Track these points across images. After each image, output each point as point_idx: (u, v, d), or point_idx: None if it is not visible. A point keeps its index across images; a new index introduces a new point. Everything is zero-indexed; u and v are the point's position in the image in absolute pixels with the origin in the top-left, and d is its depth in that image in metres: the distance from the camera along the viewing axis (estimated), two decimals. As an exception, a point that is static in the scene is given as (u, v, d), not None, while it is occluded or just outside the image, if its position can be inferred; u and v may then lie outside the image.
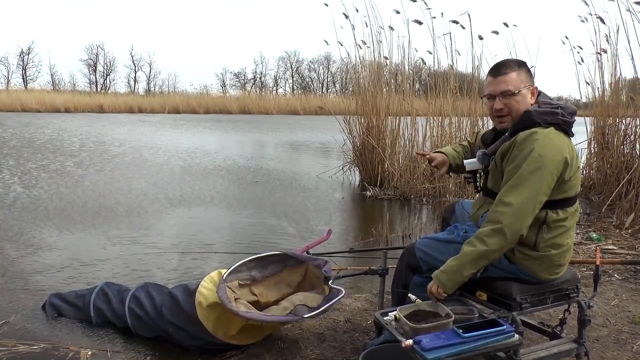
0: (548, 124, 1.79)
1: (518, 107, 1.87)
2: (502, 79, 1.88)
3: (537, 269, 1.85)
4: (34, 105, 29.83)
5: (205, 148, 12.40)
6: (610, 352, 2.39)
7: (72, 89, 50.69)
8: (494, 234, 1.74)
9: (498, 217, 1.73)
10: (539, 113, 1.81)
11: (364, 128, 7.44)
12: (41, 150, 10.87)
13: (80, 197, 6.13)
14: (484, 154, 2.03)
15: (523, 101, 1.87)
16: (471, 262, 1.78)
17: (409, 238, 4.68)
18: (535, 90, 1.91)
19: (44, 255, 3.89)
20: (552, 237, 1.82)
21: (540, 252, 1.83)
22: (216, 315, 2.29)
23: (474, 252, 1.77)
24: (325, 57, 61.83)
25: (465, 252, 1.79)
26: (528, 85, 1.89)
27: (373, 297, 3.06)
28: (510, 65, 1.90)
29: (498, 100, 1.90)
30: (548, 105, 1.84)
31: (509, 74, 1.88)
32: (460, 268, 1.80)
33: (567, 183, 1.79)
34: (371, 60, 7.53)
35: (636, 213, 4.76)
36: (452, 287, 1.83)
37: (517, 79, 1.87)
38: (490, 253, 1.76)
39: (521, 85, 1.87)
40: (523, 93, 1.87)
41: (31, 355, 2.32)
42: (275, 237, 4.66)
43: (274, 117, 31.90)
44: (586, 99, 6.78)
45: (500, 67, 1.91)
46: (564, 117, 1.81)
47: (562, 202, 1.82)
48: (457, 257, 1.81)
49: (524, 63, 1.95)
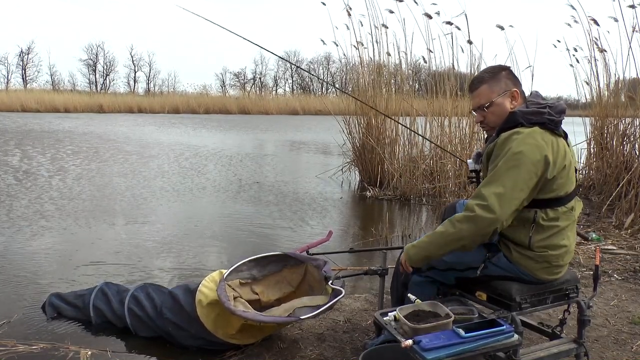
0: (533, 123, 1.80)
1: (494, 118, 1.92)
2: (475, 94, 1.96)
3: (534, 268, 1.85)
4: (34, 105, 29.85)
5: (205, 148, 12.40)
6: (610, 352, 2.39)
7: (71, 88, 50.78)
8: (466, 220, 1.75)
9: (473, 206, 1.74)
10: (523, 113, 1.82)
11: (364, 128, 7.44)
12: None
13: (79, 197, 6.14)
14: (477, 155, 2.11)
15: (499, 110, 1.90)
16: (440, 242, 1.81)
17: (409, 238, 4.68)
18: (516, 93, 1.90)
19: (44, 255, 3.89)
20: (545, 238, 1.82)
21: (536, 252, 1.83)
22: (216, 314, 2.29)
23: (444, 233, 1.79)
24: (325, 57, 61.90)
25: (437, 232, 1.82)
26: (503, 92, 1.90)
27: (373, 297, 3.07)
28: (480, 79, 1.95)
29: (477, 113, 1.97)
30: (536, 105, 1.84)
31: (479, 88, 1.94)
32: (428, 246, 1.84)
33: (553, 182, 1.78)
34: (369, 60, 7.54)
35: (636, 213, 4.76)
36: (417, 263, 1.89)
37: (487, 91, 1.91)
38: (460, 238, 1.76)
39: (492, 95, 1.90)
40: (497, 102, 1.90)
41: (31, 355, 2.32)
42: (275, 238, 4.66)
43: (274, 117, 31.91)
44: (585, 99, 6.78)
45: (473, 83, 1.98)
46: (551, 115, 1.80)
47: (551, 201, 1.81)
48: (429, 235, 1.85)
49: (500, 69, 1.95)
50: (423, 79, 9.20)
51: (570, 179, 1.84)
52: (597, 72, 6.30)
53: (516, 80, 1.95)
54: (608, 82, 6.33)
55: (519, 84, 1.95)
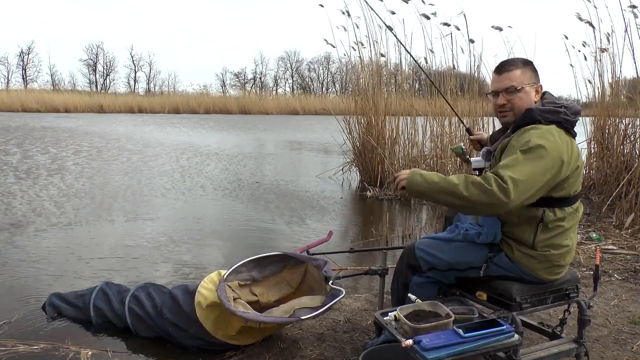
0: (550, 121, 1.80)
1: (521, 103, 1.90)
2: (506, 75, 1.93)
3: (536, 267, 1.85)
4: (34, 105, 29.87)
5: (205, 148, 12.40)
6: (610, 352, 2.39)
7: (72, 88, 50.78)
8: (481, 189, 1.67)
9: (491, 180, 1.67)
10: (541, 111, 1.82)
11: (364, 128, 7.44)
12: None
13: (79, 196, 6.14)
14: (488, 151, 2.10)
15: (526, 98, 1.90)
16: (446, 189, 1.72)
17: (409, 238, 4.68)
18: (540, 88, 1.93)
19: (45, 255, 3.89)
20: (550, 237, 1.82)
21: (539, 252, 1.83)
22: (216, 315, 2.29)
23: (456, 185, 1.70)
24: (325, 57, 61.90)
25: (449, 180, 1.73)
26: (532, 83, 1.92)
27: (373, 297, 3.07)
28: (514, 63, 1.95)
29: (502, 96, 1.93)
30: (552, 104, 1.85)
31: (512, 71, 1.92)
32: (433, 185, 1.75)
33: (565, 181, 1.79)
34: (369, 61, 7.54)
35: (636, 213, 4.76)
36: (411, 189, 1.80)
37: (520, 76, 1.91)
38: (465, 199, 1.69)
39: (525, 82, 1.90)
40: (526, 90, 1.90)
41: (31, 355, 2.32)
42: (274, 238, 4.66)
43: (274, 117, 31.90)
44: (586, 99, 6.77)
45: (505, 65, 1.96)
46: (567, 115, 1.82)
47: (560, 200, 1.81)
48: (441, 177, 1.76)
49: (530, 62, 1.97)
50: (423, 79, 9.20)
51: (579, 180, 1.85)
52: (601, 70, 6.29)
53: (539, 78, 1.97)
54: (612, 80, 6.32)
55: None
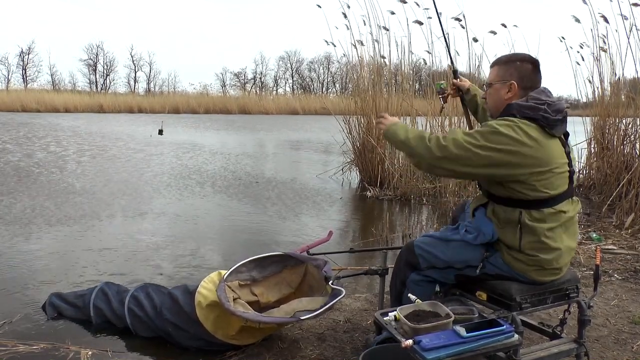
0: (526, 117, 1.78)
1: (490, 100, 2.00)
2: (489, 71, 2.04)
3: (527, 270, 1.84)
4: (34, 105, 29.84)
5: (205, 147, 12.40)
6: (610, 352, 2.39)
7: (72, 88, 50.77)
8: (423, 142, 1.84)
9: (440, 141, 1.79)
10: (519, 106, 1.81)
11: (364, 128, 7.44)
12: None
13: (79, 196, 6.14)
14: None
15: (494, 94, 1.97)
16: (409, 136, 1.89)
17: (409, 238, 4.67)
18: (513, 86, 1.90)
19: (45, 255, 3.89)
20: (535, 240, 1.80)
21: (527, 255, 1.82)
22: (215, 315, 2.29)
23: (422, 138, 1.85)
24: (325, 57, 61.87)
25: (419, 133, 1.89)
26: (503, 81, 1.93)
27: (373, 297, 3.07)
28: (497, 60, 2.02)
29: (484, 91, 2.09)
30: (535, 100, 1.81)
31: (492, 67, 2.02)
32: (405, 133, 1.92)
33: (537, 181, 1.75)
34: (369, 61, 7.54)
35: (636, 213, 4.76)
36: (386, 134, 2.01)
37: (495, 72, 1.99)
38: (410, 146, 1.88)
39: (496, 79, 1.96)
40: (496, 87, 1.96)
41: (31, 355, 2.32)
42: (274, 238, 4.66)
43: (274, 117, 31.91)
44: (586, 99, 6.77)
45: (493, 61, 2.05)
46: (547, 113, 1.76)
47: (535, 202, 1.78)
48: (415, 130, 1.94)
49: (518, 59, 1.94)
50: (424, 79, 9.20)
51: (557, 181, 1.79)
52: (601, 70, 6.29)
53: (527, 75, 1.90)
54: (612, 80, 6.32)
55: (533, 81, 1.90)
